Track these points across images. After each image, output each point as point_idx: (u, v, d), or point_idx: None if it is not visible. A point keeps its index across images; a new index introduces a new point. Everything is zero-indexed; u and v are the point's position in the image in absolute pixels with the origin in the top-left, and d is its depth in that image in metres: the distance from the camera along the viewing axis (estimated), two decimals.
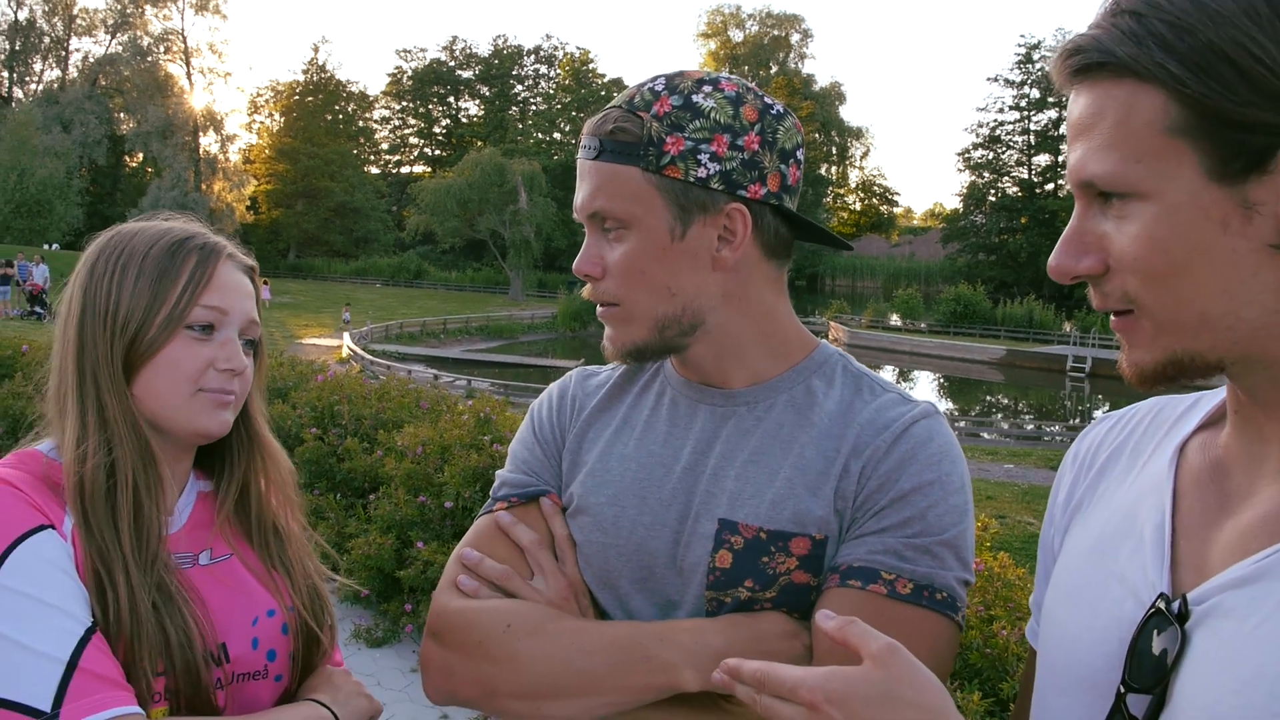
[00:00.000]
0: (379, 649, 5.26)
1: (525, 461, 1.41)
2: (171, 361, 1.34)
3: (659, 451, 1.31)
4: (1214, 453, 0.93)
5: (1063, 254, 0.89)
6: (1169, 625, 0.82)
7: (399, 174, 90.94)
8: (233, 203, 71.58)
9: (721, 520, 1.22)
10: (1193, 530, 0.89)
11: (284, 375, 7.87)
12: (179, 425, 1.36)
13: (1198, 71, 0.78)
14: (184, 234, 1.41)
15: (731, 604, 1.21)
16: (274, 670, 1.39)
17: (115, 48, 73.24)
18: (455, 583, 1.30)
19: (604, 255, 1.26)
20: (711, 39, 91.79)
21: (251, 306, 1.44)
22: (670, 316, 1.26)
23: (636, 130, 1.22)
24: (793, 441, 1.25)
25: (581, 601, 1.29)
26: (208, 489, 1.48)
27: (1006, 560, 3.58)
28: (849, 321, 48.06)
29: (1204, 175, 0.80)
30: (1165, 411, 1.04)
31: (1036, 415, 30.17)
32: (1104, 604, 0.92)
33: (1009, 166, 72.69)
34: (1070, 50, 0.86)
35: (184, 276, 1.36)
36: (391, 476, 5.63)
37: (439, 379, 23.34)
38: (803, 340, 1.35)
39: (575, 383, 1.46)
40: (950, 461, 1.22)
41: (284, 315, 40.17)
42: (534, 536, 1.32)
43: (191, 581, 1.34)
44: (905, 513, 1.17)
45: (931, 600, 1.15)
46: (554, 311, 46.09)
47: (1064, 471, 1.13)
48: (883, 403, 1.27)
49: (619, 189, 1.23)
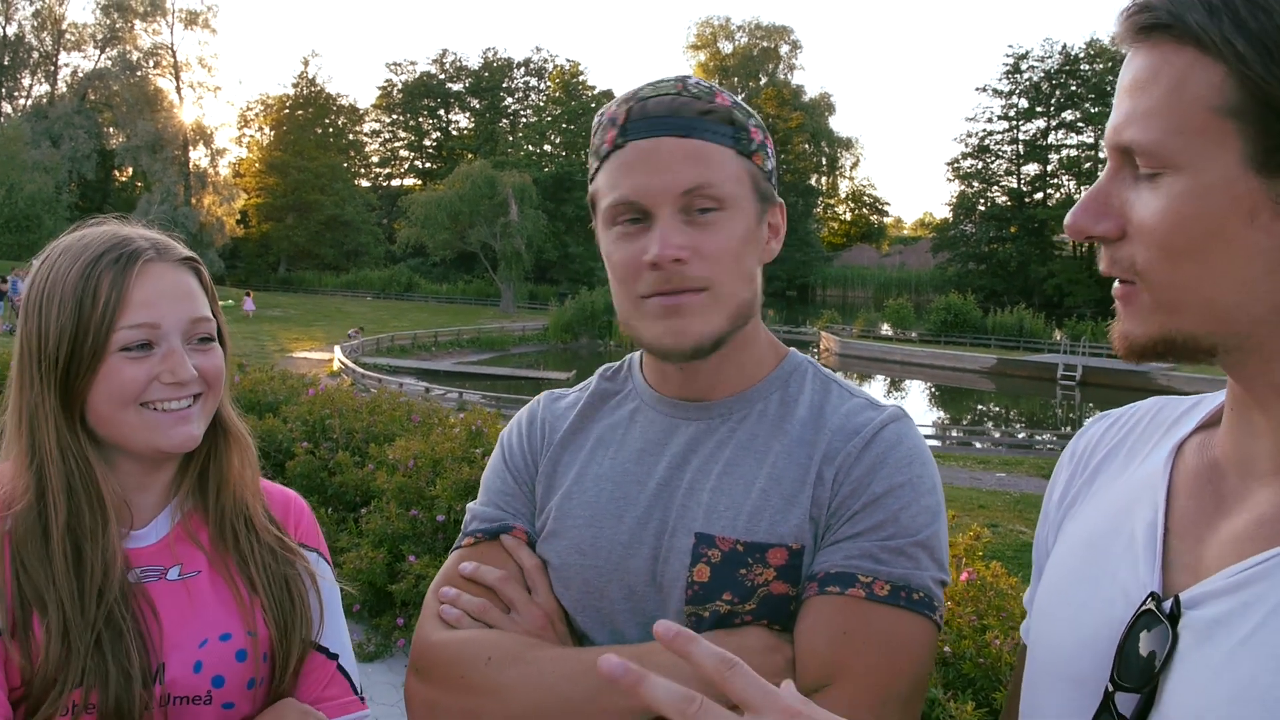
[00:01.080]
0: (370, 664, 5.23)
1: (498, 493, 1.39)
2: (110, 385, 1.30)
3: (633, 469, 1.30)
4: (1211, 453, 0.92)
5: (1082, 212, 0.86)
6: (1158, 624, 0.81)
7: (389, 187, 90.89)
8: (223, 216, 71.35)
9: (698, 534, 1.22)
10: (1186, 530, 0.88)
11: (274, 389, 7.84)
12: (138, 445, 1.33)
13: (1265, 54, 0.75)
14: (101, 248, 1.32)
15: (711, 618, 1.20)
16: (220, 697, 1.35)
17: (104, 62, 73.10)
18: (437, 614, 1.29)
19: (693, 237, 1.20)
20: (701, 50, 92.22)
21: (194, 305, 1.36)
22: (747, 304, 1.25)
23: (726, 114, 1.23)
24: (767, 451, 1.25)
25: (559, 628, 1.28)
26: (192, 504, 1.44)
27: (999, 570, 3.57)
28: (840, 331, 48.08)
29: (1244, 162, 0.77)
30: (1165, 411, 1.04)
31: (1028, 424, 30.25)
32: (1094, 601, 0.91)
33: (998, 176, 73.02)
34: (1140, 6, 0.82)
35: (101, 298, 1.29)
36: (383, 490, 5.61)
37: (430, 392, 23.30)
38: (775, 349, 1.35)
39: (544, 406, 1.44)
40: (921, 463, 1.23)
41: (275, 328, 40.08)
42: (500, 574, 1.30)
43: (149, 598, 1.32)
44: (878, 516, 1.18)
45: (909, 600, 1.15)
46: (545, 323, 46.11)
47: (1060, 468, 1.13)
48: (851, 407, 1.28)
49: (721, 168, 1.21)
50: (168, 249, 1.37)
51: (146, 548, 1.37)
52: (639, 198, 1.20)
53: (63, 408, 1.30)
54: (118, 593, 1.28)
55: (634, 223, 1.21)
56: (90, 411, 1.31)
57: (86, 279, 1.29)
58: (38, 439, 1.30)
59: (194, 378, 1.33)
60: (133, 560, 1.34)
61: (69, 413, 1.31)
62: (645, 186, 1.19)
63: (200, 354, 1.36)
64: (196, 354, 1.36)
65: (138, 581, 1.33)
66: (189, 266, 1.39)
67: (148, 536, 1.38)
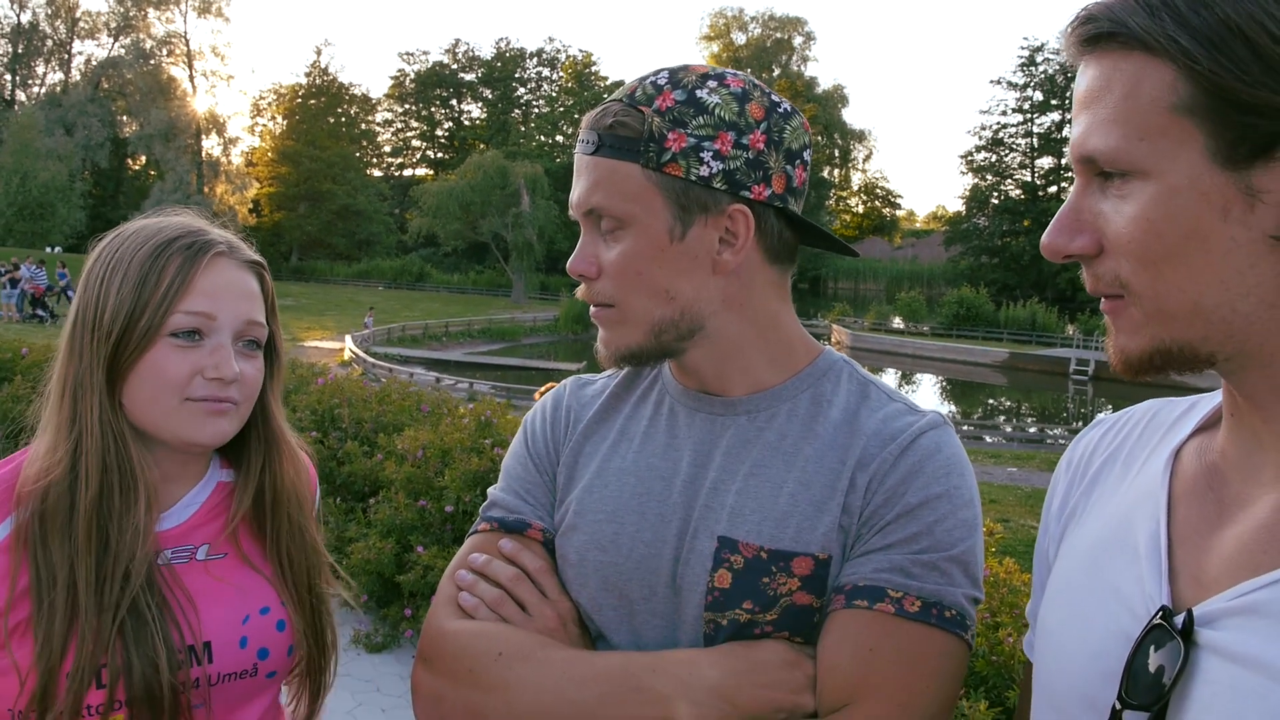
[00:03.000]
0: (378, 654, 5.22)
1: (518, 479, 1.35)
2: (155, 370, 1.30)
3: (658, 464, 1.26)
4: (1210, 458, 0.90)
5: (1056, 231, 0.85)
6: (1169, 640, 0.78)
7: (401, 177, 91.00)
8: (235, 205, 71.51)
9: (721, 538, 1.17)
10: (1189, 539, 0.85)
11: (284, 378, 7.84)
12: (169, 436, 1.33)
13: (1210, 48, 0.75)
14: (174, 233, 1.35)
15: (729, 626, 1.16)
16: (265, 668, 1.37)
17: (118, 51, 73.35)
18: (454, 600, 1.26)
19: (599, 254, 1.21)
20: (714, 41, 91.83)
21: (251, 307, 1.37)
22: (667, 320, 1.21)
23: (637, 125, 1.17)
24: (796, 454, 1.20)
25: (572, 630, 1.24)
26: (229, 479, 1.45)
27: (1012, 566, 3.53)
28: (852, 324, 48.04)
29: (1208, 158, 0.76)
30: (1161, 415, 1.01)
31: (1039, 418, 30.12)
32: (1099, 617, 0.88)
33: (1012, 169, 72.69)
34: (1082, 19, 0.83)
35: (166, 280, 1.30)
36: (392, 480, 5.60)
37: (440, 381, 23.32)
38: (807, 347, 1.29)
39: (570, 392, 1.40)
40: (959, 474, 1.17)
41: (286, 318, 40.15)
42: (513, 571, 1.27)
43: (180, 580, 1.32)
44: (912, 528, 1.13)
45: (941, 618, 1.10)
46: (556, 314, 46.14)
47: (1058, 478, 1.09)
48: (889, 412, 1.22)
49: (617, 186, 1.17)
50: (238, 248, 1.40)
51: (174, 529, 1.37)
52: (570, 212, 1.24)
53: (107, 382, 1.31)
54: (144, 578, 1.27)
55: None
56: (128, 395, 1.31)
57: (155, 258, 1.31)
58: (79, 409, 1.30)
59: (237, 376, 1.33)
60: (161, 543, 1.34)
61: (112, 389, 1.31)
62: (570, 201, 1.23)
63: (245, 359, 1.36)
64: (241, 358, 1.36)
65: (168, 564, 1.33)
66: (254, 270, 1.40)
67: (175, 517, 1.38)
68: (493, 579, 1.26)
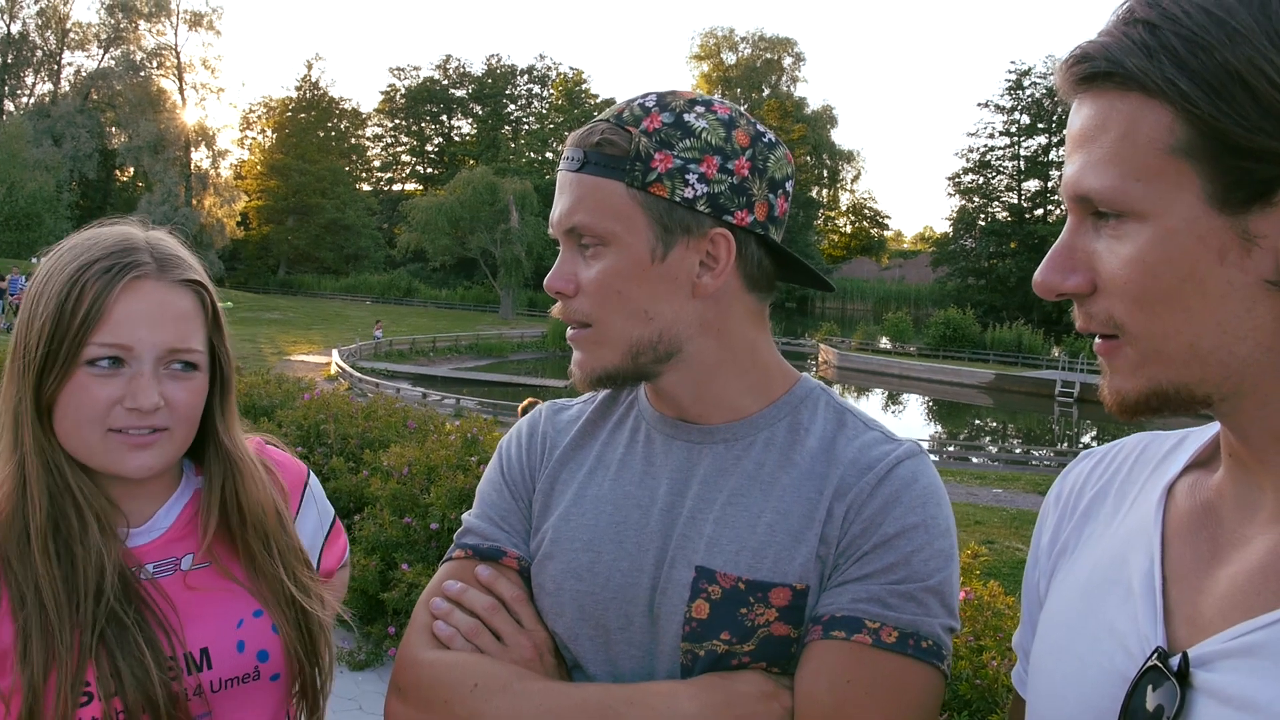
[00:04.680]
0: (361, 672, 5.19)
1: (494, 506, 1.34)
2: (76, 399, 1.26)
3: (635, 492, 1.25)
4: (1204, 495, 0.89)
5: (1050, 269, 0.84)
6: (1165, 682, 0.78)
7: (391, 191, 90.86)
8: (223, 218, 71.34)
9: (699, 568, 1.17)
10: (1183, 578, 0.85)
11: (270, 393, 7.81)
12: (99, 466, 1.30)
13: (1209, 92, 0.74)
14: (98, 254, 1.28)
15: (706, 657, 1.15)
16: (268, 671, 1.36)
17: (108, 62, 73.12)
18: (428, 628, 1.24)
19: (578, 272, 1.21)
20: (704, 61, 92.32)
21: (179, 330, 1.29)
22: (645, 342, 1.20)
23: (624, 144, 1.17)
24: (774, 483, 1.20)
25: (548, 660, 1.23)
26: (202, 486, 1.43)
27: (996, 589, 3.54)
28: (838, 344, 48.12)
29: (1205, 201, 0.76)
30: (1151, 449, 1.01)
31: (1025, 440, 30.21)
32: (1093, 656, 0.87)
33: (999, 191, 73.02)
34: (1077, 57, 0.82)
35: (83, 308, 1.24)
36: (377, 497, 5.58)
37: (427, 397, 23.26)
38: (784, 374, 1.29)
39: (546, 418, 1.39)
40: (936, 504, 1.17)
41: (273, 331, 40.03)
42: (489, 601, 1.26)
43: (164, 591, 1.31)
44: (889, 558, 1.13)
45: (917, 649, 1.10)
46: (544, 331, 45.99)
47: (1047, 512, 1.09)
48: (866, 441, 1.22)
49: (600, 204, 1.17)
50: (171, 266, 1.31)
51: (153, 542, 1.35)
52: (551, 229, 1.24)
53: (35, 410, 1.28)
54: (119, 593, 1.26)
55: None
56: (57, 423, 1.28)
57: (73, 284, 1.25)
58: (20, 435, 1.28)
59: (157, 407, 1.27)
60: (141, 557, 1.33)
61: (40, 415, 1.28)
62: (551, 218, 1.23)
63: (175, 382, 1.30)
64: (171, 381, 1.30)
65: (150, 578, 1.32)
66: (190, 288, 1.33)
67: (153, 531, 1.36)
68: (468, 607, 1.25)
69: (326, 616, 1.46)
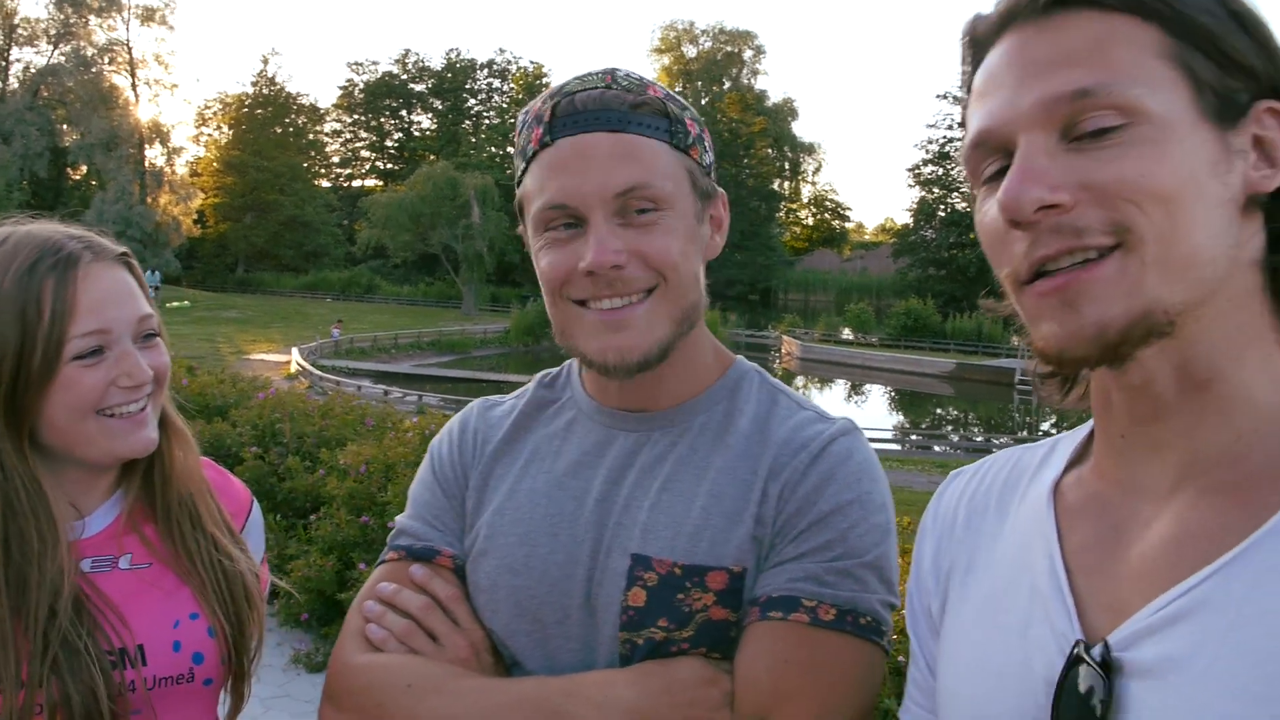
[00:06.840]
0: (319, 674, 5.12)
1: (426, 506, 1.30)
2: (65, 395, 1.26)
3: (570, 483, 1.23)
4: (1092, 486, 0.89)
5: (1033, 182, 0.78)
6: (1091, 674, 0.76)
7: (350, 188, 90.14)
8: (179, 216, 70.23)
9: (634, 555, 1.15)
10: (1089, 568, 0.83)
11: (224, 392, 7.69)
12: (94, 455, 1.30)
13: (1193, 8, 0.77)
14: (35, 253, 1.27)
15: (645, 645, 1.13)
16: (202, 674, 1.35)
17: (58, 58, 71.71)
18: (361, 633, 1.21)
19: (626, 242, 1.12)
20: (665, 54, 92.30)
21: (138, 304, 1.34)
22: (695, 310, 1.18)
23: (658, 105, 1.15)
24: (707, 466, 1.18)
25: (484, 658, 1.20)
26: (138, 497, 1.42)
27: None
28: (802, 336, 48.38)
29: (1198, 110, 0.77)
30: (1025, 459, 1.00)
31: (986, 428, 30.58)
32: (1009, 666, 0.85)
33: (958, 182, 73.65)
34: None
35: (47, 308, 1.24)
36: (334, 496, 5.52)
37: (389, 395, 23.09)
38: (719, 356, 1.27)
39: (477, 415, 1.36)
40: (870, 479, 1.16)
41: (231, 330, 39.57)
42: (423, 600, 1.22)
43: (97, 587, 1.29)
44: (825, 535, 1.11)
45: (856, 625, 1.09)
46: (507, 326, 45.94)
47: (924, 534, 1.06)
48: (799, 420, 1.20)
49: (655, 164, 1.13)
50: (101, 247, 1.33)
51: (93, 538, 1.34)
52: (570, 200, 1.12)
53: (8, 427, 1.25)
54: (73, 618, 1.23)
55: (567, 228, 1.14)
56: (45, 425, 1.27)
57: (27, 289, 1.24)
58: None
59: (150, 377, 1.32)
60: (81, 551, 1.32)
61: (16, 431, 1.26)
62: (576, 188, 1.12)
63: (149, 351, 1.34)
64: (146, 352, 1.34)
65: (89, 572, 1.31)
66: (123, 262, 1.36)
67: (92, 526, 1.35)
68: (402, 609, 1.22)
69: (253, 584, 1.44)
